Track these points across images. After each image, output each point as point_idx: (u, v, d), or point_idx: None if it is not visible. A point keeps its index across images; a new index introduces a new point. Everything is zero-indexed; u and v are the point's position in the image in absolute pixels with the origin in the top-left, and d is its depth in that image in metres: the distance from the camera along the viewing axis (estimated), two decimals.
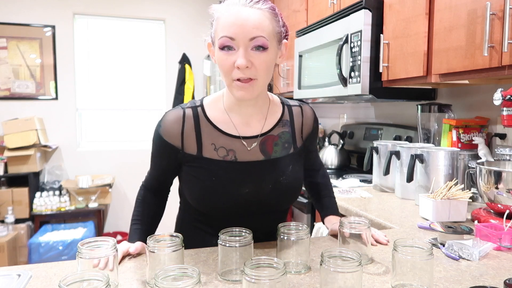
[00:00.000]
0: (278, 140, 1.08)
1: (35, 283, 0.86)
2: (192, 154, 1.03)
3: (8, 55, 3.74)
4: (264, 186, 1.05)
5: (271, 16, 0.96)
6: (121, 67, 4.12)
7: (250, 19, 0.92)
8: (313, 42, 2.29)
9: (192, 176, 1.05)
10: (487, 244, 1.06)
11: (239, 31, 0.92)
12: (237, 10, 0.93)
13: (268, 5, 0.96)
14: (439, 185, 1.48)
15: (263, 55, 0.94)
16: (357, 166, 2.68)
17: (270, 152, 1.07)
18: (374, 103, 2.62)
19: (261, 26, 0.93)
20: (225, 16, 0.94)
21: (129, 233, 1.10)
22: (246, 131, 1.06)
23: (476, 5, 1.31)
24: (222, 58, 0.95)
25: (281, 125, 1.09)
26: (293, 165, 1.09)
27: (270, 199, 1.06)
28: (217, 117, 1.05)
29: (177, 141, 1.03)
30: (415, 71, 1.61)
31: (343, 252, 0.78)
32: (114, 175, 4.03)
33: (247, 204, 1.05)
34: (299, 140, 1.13)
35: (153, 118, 4.27)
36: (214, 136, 1.04)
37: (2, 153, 3.48)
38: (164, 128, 1.04)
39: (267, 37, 0.94)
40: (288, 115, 1.12)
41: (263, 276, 0.67)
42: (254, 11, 0.93)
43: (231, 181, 1.03)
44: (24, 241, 3.44)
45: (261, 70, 0.95)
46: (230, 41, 0.93)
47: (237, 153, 1.04)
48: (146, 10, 4.08)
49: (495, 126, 1.74)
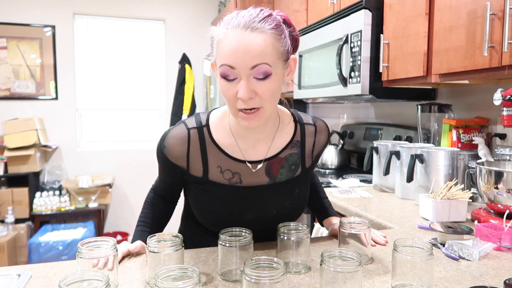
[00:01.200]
0: (284, 162, 1.04)
1: (35, 283, 0.86)
2: (198, 176, 1.02)
3: (8, 55, 3.74)
4: (268, 212, 1.04)
5: (275, 37, 0.87)
6: (121, 67, 4.12)
7: (251, 47, 0.84)
8: (313, 42, 2.29)
9: (197, 197, 1.05)
10: (487, 244, 1.06)
11: (239, 60, 0.85)
12: (238, 37, 0.85)
13: (271, 25, 0.87)
14: (439, 185, 1.48)
15: (266, 83, 0.88)
16: (357, 166, 2.68)
17: (275, 175, 1.04)
18: (374, 103, 2.62)
19: (263, 53, 0.85)
20: (225, 43, 0.86)
21: (133, 234, 1.09)
22: (252, 154, 1.02)
23: (476, 5, 1.31)
24: (224, 87, 0.90)
25: (290, 147, 1.05)
26: (299, 188, 1.07)
27: (273, 223, 1.01)
28: (223, 140, 1.02)
29: (183, 162, 1.01)
30: (415, 71, 1.61)
31: (343, 252, 0.78)
32: (114, 175, 4.03)
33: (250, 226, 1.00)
34: (308, 160, 1.08)
35: (153, 118, 4.27)
36: (220, 159, 1.01)
37: (2, 153, 3.48)
38: (169, 149, 1.00)
39: (270, 63, 0.87)
40: (299, 135, 1.07)
41: (263, 276, 0.67)
42: (255, 36, 0.85)
43: (235, 207, 1.02)
44: (24, 241, 3.44)
45: (266, 98, 0.89)
46: (231, 70, 0.86)
47: (242, 176, 1.02)
48: (146, 10, 4.08)
49: (495, 126, 1.74)
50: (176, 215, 1.28)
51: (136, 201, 4.10)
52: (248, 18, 0.86)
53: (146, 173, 3.74)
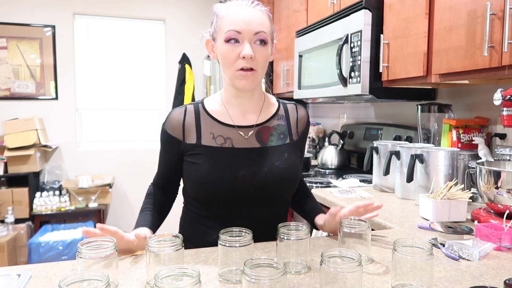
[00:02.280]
0: (273, 131, 1.16)
1: (35, 283, 0.86)
2: (192, 143, 1.11)
3: (8, 55, 3.74)
4: (259, 169, 1.10)
5: (269, 18, 1.11)
6: (121, 67, 4.12)
7: (255, 17, 1.06)
8: (313, 42, 2.29)
9: (191, 163, 1.11)
10: (487, 244, 1.06)
11: (245, 26, 1.03)
12: (243, 9, 1.06)
13: (265, 9, 1.11)
14: (439, 185, 1.48)
15: (263, 49, 1.07)
16: (357, 166, 2.68)
17: (266, 141, 1.14)
18: (374, 103, 2.62)
19: (263, 23, 1.07)
20: (232, 13, 1.06)
21: (137, 219, 1.13)
22: (242, 121, 1.14)
23: (476, 5, 1.31)
24: (227, 50, 1.05)
25: (276, 118, 1.18)
26: (289, 154, 1.15)
27: (265, 183, 1.10)
28: (216, 110, 1.15)
29: (179, 132, 1.12)
30: (415, 71, 1.61)
31: (343, 252, 0.78)
32: (114, 175, 4.03)
33: (244, 187, 1.08)
34: (295, 134, 1.20)
35: (153, 118, 4.27)
36: (212, 126, 1.12)
37: (2, 153, 3.48)
38: (168, 122, 1.14)
39: (267, 34, 1.07)
40: (283, 110, 1.21)
41: (263, 276, 0.67)
42: (257, 11, 1.07)
43: (227, 165, 1.09)
44: (24, 241, 3.44)
45: (261, 62, 1.07)
46: (237, 35, 1.04)
47: (234, 141, 1.12)
48: (146, 10, 4.08)
49: (495, 126, 1.74)
50: (176, 215, 1.28)
51: (136, 201, 4.10)
52: (249, 0, 1.09)
53: (146, 173, 3.72)
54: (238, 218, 1.07)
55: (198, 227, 1.15)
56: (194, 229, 1.16)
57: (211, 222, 1.13)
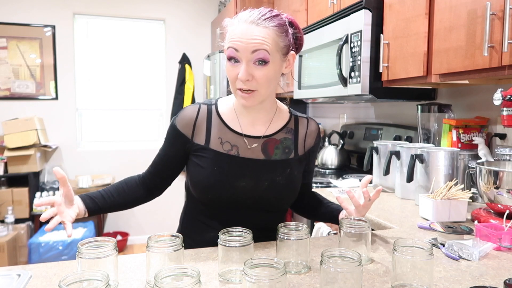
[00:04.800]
0: (279, 144, 1.14)
1: (35, 283, 0.86)
2: (200, 144, 1.11)
3: (8, 55, 3.74)
4: (260, 183, 1.10)
5: (277, 33, 1.02)
6: (121, 67, 4.12)
7: (254, 34, 1.00)
8: (313, 42, 2.29)
9: (196, 165, 1.11)
10: (487, 244, 1.06)
11: (242, 44, 1.00)
12: (242, 26, 1.01)
13: (274, 23, 1.02)
14: (439, 185, 1.48)
15: (264, 69, 1.02)
16: (357, 166, 2.68)
17: (271, 154, 1.13)
18: (374, 103, 2.62)
19: (263, 41, 1.00)
20: (233, 30, 1.03)
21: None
22: (251, 131, 1.13)
23: (476, 5, 1.31)
24: (228, 68, 1.05)
25: (284, 131, 1.16)
26: (291, 169, 1.14)
27: (265, 196, 1.11)
28: (227, 115, 1.15)
29: (189, 130, 1.12)
30: (415, 71, 1.61)
31: (343, 252, 0.78)
32: (114, 175, 4.02)
33: (244, 197, 1.09)
34: (301, 149, 1.18)
35: (153, 118, 4.27)
36: (222, 130, 1.12)
37: (2, 153, 3.48)
38: (180, 118, 1.13)
39: (269, 51, 1.01)
40: (293, 124, 1.19)
41: (263, 276, 0.67)
42: (259, 30, 1.00)
43: (230, 173, 1.09)
44: (24, 241, 3.44)
45: (262, 82, 1.03)
46: (235, 52, 1.01)
47: (240, 149, 1.11)
48: (146, 10, 4.08)
49: (495, 126, 1.74)
50: (176, 215, 1.28)
51: None
52: (256, 16, 1.01)
53: None
54: (237, 220, 1.07)
55: (198, 224, 1.17)
56: (193, 225, 1.18)
57: (211, 220, 1.14)
